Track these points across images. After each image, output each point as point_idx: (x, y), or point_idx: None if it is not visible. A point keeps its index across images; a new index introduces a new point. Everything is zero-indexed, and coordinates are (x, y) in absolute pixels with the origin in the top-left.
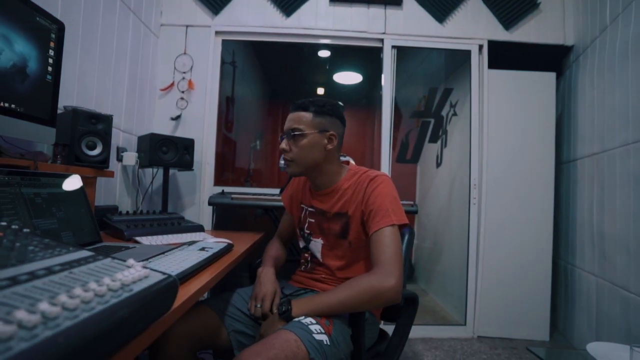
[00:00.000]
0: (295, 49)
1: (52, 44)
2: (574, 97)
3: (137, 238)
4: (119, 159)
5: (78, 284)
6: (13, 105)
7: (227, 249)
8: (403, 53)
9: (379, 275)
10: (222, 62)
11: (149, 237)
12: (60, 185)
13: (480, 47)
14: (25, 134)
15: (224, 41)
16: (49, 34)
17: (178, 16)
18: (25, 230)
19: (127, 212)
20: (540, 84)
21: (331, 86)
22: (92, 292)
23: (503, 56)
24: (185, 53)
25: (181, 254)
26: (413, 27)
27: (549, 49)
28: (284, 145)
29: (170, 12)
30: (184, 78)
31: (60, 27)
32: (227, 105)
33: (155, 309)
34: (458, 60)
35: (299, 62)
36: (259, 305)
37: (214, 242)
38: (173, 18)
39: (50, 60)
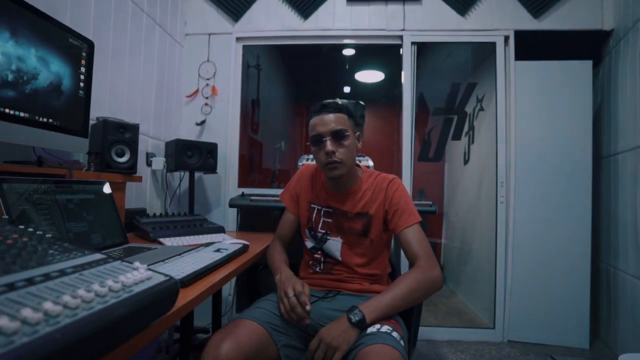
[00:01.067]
0: (316, 50)
1: (83, 62)
2: (614, 86)
3: (161, 239)
4: (149, 163)
5: (84, 285)
6: (50, 120)
7: (242, 250)
8: (427, 48)
9: (427, 268)
10: (247, 66)
11: (172, 239)
12: (90, 192)
13: (506, 38)
14: (61, 145)
15: (244, 46)
16: (80, 53)
17: (201, 25)
18: (47, 235)
19: (155, 214)
20: (574, 74)
21: (353, 85)
22: (94, 292)
23: (532, 46)
24: (208, 60)
25: (196, 256)
26: (433, 21)
27: (584, 36)
28: (330, 147)
29: (193, 22)
30: (207, 84)
31: (90, 45)
32: (252, 108)
33: (154, 309)
34: (484, 53)
35: (320, 63)
36: (291, 295)
37: (230, 244)
38: (196, 27)
39: (82, 77)
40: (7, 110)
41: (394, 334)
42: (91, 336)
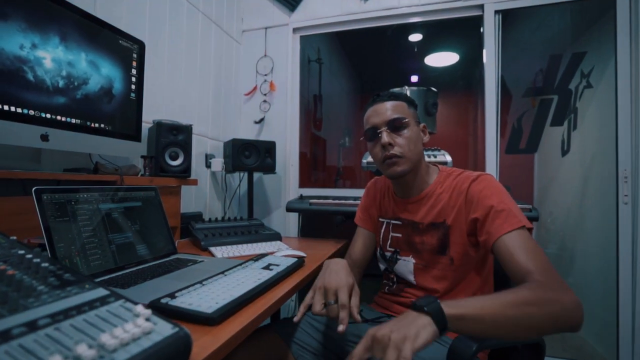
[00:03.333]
0: (379, 35)
1: (134, 63)
2: None
3: (212, 249)
4: (208, 165)
5: (53, 348)
6: (102, 125)
7: (297, 265)
8: (510, 21)
9: (550, 285)
10: (308, 61)
11: (223, 248)
12: (137, 199)
13: None
14: (114, 150)
15: (302, 38)
16: (131, 54)
17: (257, 20)
18: (44, 264)
19: (210, 219)
20: None
21: (423, 70)
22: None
23: None
24: (265, 55)
25: (241, 274)
26: None
27: None
28: (386, 138)
29: (250, 18)
30: (265, 81)
31: (141, 46)
32: (315, 104)
33: None
34: (592, 15)
35: (384, 49)
36: (332, 302)
37: (283, 256)
38: (253, 23)
39: (133, 79)
40: (59, 118)
41: None
42: None
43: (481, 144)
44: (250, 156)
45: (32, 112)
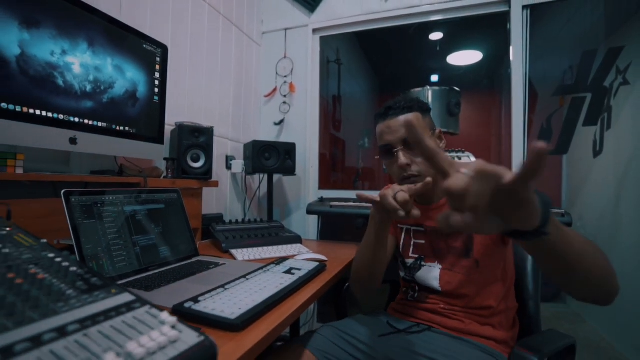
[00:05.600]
0: (400, 34)
1: (157, 67)
2: None
3: (233, 251)
4: (228, 167)
5: (83, 356)
6: (127, 128)
7: (318, 270)
8: (537, 15)
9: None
10: (327, 62)
11: (244, 250)
12: (160, 201)
13: None
14: (138, 152)
15: (322, 38)
16: (154, 58)
17: (277, 21)
18: (72, 268)
19: (231, 221)
20: None
21: (445, 70)
22: None
23: None
24: (285, 57)
25: (263, 278)
26: None
27: None
28: (403, 160)
29: (269, 19)
30: (285, 82)
31: (164, 50)
32: (334, 105)
33: None
34: (628, 7)
35: (406, 49)
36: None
37: (305, 260)
38: (272, 24)
39: (157, 82)
40: (86, 121)
41: None
42: None
43: (506, 144)
44: (270, 158)
45: (61, 117)
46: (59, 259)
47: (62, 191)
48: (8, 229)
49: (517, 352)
